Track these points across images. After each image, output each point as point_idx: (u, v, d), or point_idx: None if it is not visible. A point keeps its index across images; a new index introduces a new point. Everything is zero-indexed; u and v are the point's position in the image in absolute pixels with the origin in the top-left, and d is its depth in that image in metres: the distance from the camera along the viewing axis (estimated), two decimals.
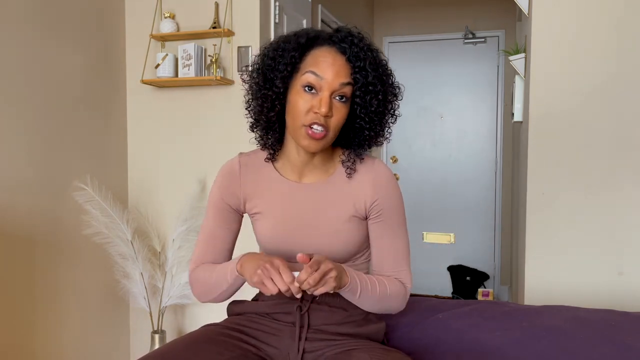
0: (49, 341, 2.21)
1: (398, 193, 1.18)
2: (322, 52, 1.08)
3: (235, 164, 1.22)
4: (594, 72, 1.99)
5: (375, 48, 1.12)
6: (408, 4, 4.54)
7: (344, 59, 1.07)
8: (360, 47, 1.08)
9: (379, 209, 1.15)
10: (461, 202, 4.37)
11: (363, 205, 1.15)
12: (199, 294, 1.21)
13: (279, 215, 1.17)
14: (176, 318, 2.69)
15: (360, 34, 1.11)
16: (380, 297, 1.13)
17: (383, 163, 1.20)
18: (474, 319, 1.45)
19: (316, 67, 1.06)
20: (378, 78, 1.08)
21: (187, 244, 2.43)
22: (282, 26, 2.69)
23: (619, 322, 1.40)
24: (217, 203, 1.21)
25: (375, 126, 1.13)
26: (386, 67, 1.12)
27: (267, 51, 1.13)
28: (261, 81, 1.12)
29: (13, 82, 2.03)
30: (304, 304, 1.15)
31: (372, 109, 1.09)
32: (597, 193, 2.00)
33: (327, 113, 1.05)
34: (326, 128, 1.06)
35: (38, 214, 2.16)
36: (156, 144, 2.66)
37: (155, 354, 1.06)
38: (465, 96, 4.36)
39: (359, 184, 1.16)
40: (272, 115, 1.12)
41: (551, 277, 2.05)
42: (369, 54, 1.08)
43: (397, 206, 1.18)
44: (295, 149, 1.15)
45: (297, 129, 1.07)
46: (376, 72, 1.08)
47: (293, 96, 1.08)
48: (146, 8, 2.60)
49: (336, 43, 1.08)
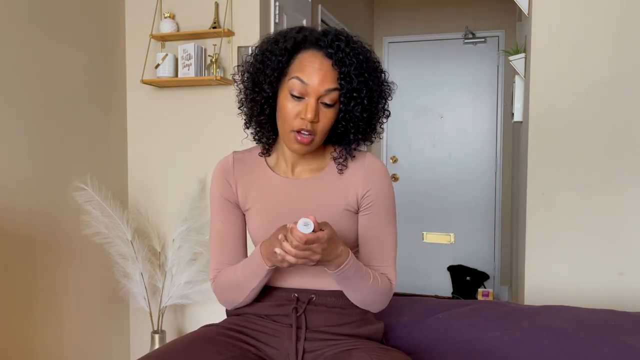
0: (49, 341, 2.21)
1: (389, 187, 1.19)
2: (309, 57, 1.08)
3: (229, 159, 1.23)
4: (594, 72, 1.99)
5: (365, 49, 1.11)
6: (408, 4, 4.54)
7: (330, 63, 1.07)
8: (346, 52, 1.07)
9: (370, 200, 1.16)
10: (461, 202, 4.37)
11: (355, 197, 1.16)
12: (228, 300, 1.20)
13: (271, 211, 1.17)
14: (176, 318, 2.69)
15: (350, 36, 1.11)
16: (370, 291, 1.12)
17: (375, 157, 1.21)
18: (474, 319, 1.45)
19: (302, 73, 1.07)
20: (363, 83, 1.08)
21: (187, 244, 2.43)
22: (282, 26, 2.69)
23: (619, 322, 1.40)
24: (218, 200, 1.22)
25: (360, 129, 1.13)
26: (375, 69, 1.12)
27: (256, 54, 1.14)
28: (250, 84, 1.14)
29: (13, 82, 2.03)
30: (299, 305, 1.15)
31: (356, 114, 1.10)
32: (597, 193, 2.00)
33: (313, 119, 1.06)
34: (313, 133, 1.08)
35: (38, 214, 2.16)
36: (156, 144, 2.65)
37: (154, 354, 1.06)
38: (465, 96, 4.36)
39: (351, 177, 1.17)
40: (262, 118, 1.15)
41: (551, 277, 2.05)
42: (354, 59, 1.07)
43: (388, 199, 1.18)
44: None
45: (286, 134, 1.10)
46: (361, 77, 1.08)
47: (282, 100, 1.10)
48: (146, 8, 2.60)
49: (323, 48, 1.08)
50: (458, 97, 4.38)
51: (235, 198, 1.21)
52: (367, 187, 1.15)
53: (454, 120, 4.40)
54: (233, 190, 1.21)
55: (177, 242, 2.42)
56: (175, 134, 2.63)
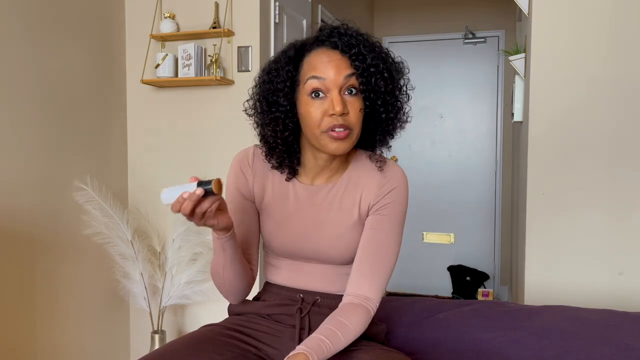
0: (49, 341, 2.21)
1: (403, 201, 1.14)
2: (316, 55, 1.06)
3: (249, 152, 1.20)
4: (594, 72, 1.99)
5: (364, 32, 1.09)
6: (408, 4, 4.54)
7: (338, 53, 1.05)
8: (349, 34, 1.06)
9: (378, 207, 1.12)
10: (461, 202, 4.37)
11: (367, 207, 1.13)
12: (219, 286, 1.17)
13: (284, 214, 1.16)
14: (176, 318, 2.69)
15: (347, 25, 1.09)
16: (347, 342, 1.04)
17: (399, 168, 1.16)
18: (474, 319, 1.45)
19: (315, 71, 1.04)
20: (377, 57, 1.06)
21: (187, 244, 2.43)
22: (282, 26, 2.69)
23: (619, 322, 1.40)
24: (232, 192, 1.19)
25: (389, 108, 1.09)
26: (382, 47, 1.10)
27: (261, 79, 1.11)
28: (265, 106, 1.09)
29: (13, 81, 2.03)
30: (304, 306, 1.15)
31: (381, 89, 1.06)
32: (597, 193, 2.00)
33: (343, 111, 1.02)
34: (347, 127, 1.03)
35: (38, 214, 2.16)
36: (156, 144, 2.65)
37: (154, 354, 1.06)
38: (465, 96, 4.36)
39: (367, 186, 1.13)
40: (287, 135, 1.09)
41: (551, 277, 2.05)
42: (360, 37, 1.06)
43: (397, 212, 1.13)
44: (312, 157, 1.13)
45: (318, 138, 1.04)
46: (373, 52, 1.06)
47: (303, 108, 1.06)
48: (146, 8, 2.60)
49: (325, 41, 1.07)
50: (458, 97, 4.38)
51: (250, 192, 1.18)
52: (379, 196, 1.12)
53: (454, 120, 4.40)
54: (249, 185, 1.18)
55: (177, 242, 2.42)
56: (175, 134, 2.63)
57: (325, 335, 1.00)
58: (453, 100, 4.39)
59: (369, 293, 1.09)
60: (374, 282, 1.10)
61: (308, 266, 1.18)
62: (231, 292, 1.17)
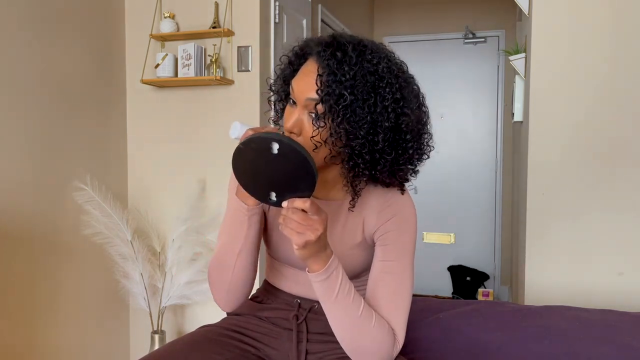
0: (49, 341, 2.20)
1: (406, 228, 1.04)
2: (307, 63, 0.96)
3: None
4: (594, 72, 1.99)
5: (362, 49, 0.91)
6: (408, 4, 4.54)
7: (317, 68, 0.91)
8: (338, 57, 0.89)
9: (379, 234, 1.04)
10: (461, 202, 4.37)
11: (370, 232, 1.06)
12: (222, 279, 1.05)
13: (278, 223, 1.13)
14: (176, 318, 2.69)
15: (360, 41, 0.94)
16: (359, 322, 0.94)
17: (405, 195, 1.07)
18: (474, 319, 1.45)
19: (296, 78, 0.95)
20: (349, 88, 0.87)
21: (187, 244, 2.43)
22: (282, 26, 2.69)
23: (619, 322, 1.40)
24: (237, 200, 1.12)
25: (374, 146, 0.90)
26: (374, 72, 0.90)
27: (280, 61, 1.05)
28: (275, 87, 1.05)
29: (13, 81, 2.03)
30: (300, 312, 1.13)
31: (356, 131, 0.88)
32: (597, 193, 2.00)
33: (291, 129, 0.91)
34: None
35: (38, 214, 2.16)
36: (156, 143, 2.65)
37: (154, 354, 1.06)
38: (465, 96, 4.36)
39: (369, 209, 1.05)
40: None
41: (551, 277, 2.05)
42: (348, 66, 0.88)
43: (403, 241, 1.03)
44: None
45: None
46: (353, 80, 0.87)
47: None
48: (146, 8, 2.60)
49: (317, 53, 0.93)
50: (458, 97, 4.38)
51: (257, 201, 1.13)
52: (381, 221, 1.03)
53: (454, 120, 4.40)
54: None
55: (177, 242, 2.42)
56: (175, 133, 2.62)
57: (354, 293, 0.94)
58: (453, 100, 4.39)
59: (394, 327, 1.00)
60: (392, 320, 1.00)
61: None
62: (231, 290, 1.05)
